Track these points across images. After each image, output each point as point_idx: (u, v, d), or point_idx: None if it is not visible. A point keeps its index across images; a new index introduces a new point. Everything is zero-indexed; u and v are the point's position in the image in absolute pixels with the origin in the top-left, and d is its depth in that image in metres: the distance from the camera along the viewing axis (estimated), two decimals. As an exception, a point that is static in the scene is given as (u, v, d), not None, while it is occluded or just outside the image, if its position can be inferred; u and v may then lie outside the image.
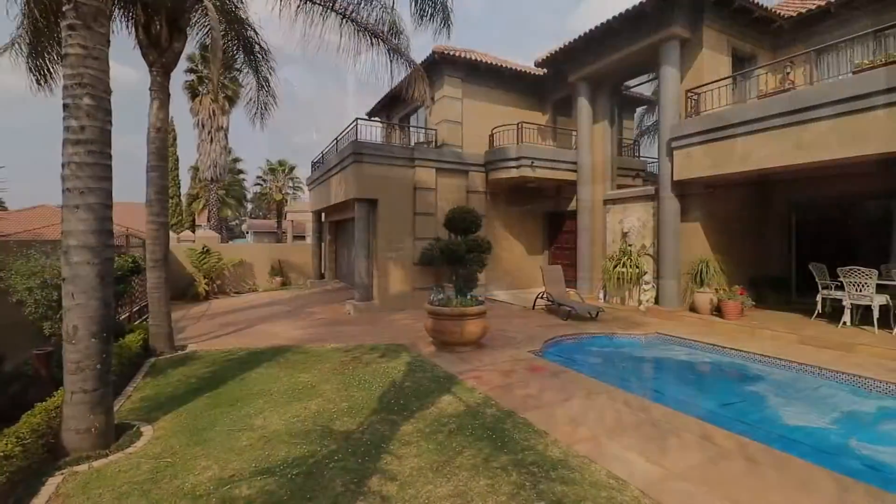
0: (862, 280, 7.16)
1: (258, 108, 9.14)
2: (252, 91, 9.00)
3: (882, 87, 6.29)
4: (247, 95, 9.12)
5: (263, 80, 8.88)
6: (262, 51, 8.60)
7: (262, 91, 9.00)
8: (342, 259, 16.98)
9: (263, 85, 8.94)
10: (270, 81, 8.97)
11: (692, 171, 8.95)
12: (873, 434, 4.36)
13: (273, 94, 9.16)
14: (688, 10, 9.22)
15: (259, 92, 9.00)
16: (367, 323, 9.32)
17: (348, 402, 4.59)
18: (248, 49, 8.51)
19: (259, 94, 9.02)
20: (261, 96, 9.05)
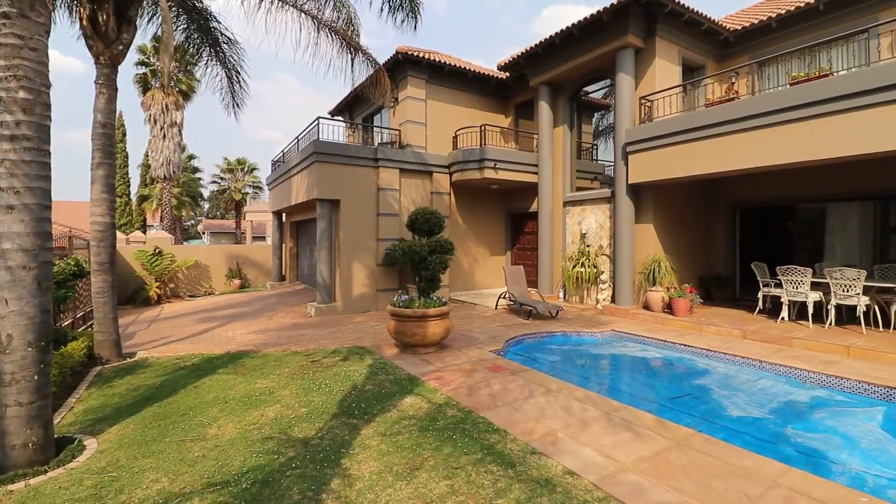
0: (798, 278, 7.72)
1: (232, 100, 8.87)
2: (223, 82, 8.72)
3: (813, 100, 6.80)
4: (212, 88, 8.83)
5: (234, 71, 8.60)
6: (228, 41, 8.33)
7: (233, 82, 8.72)
8: (304, 260, 16.62)
9: (234, 77, 8.66)
10: (241, 73, 8.72)
11: (645, 175, 9.36)
12: (806, 422, 4.68)
13: (243, 84, 8.91)
14: (642, 21, 9.63)
15: (231, 84, 8.72)
16: (329, 325, 9.18)
17: (308, 407, 4.51)
18: (213, 41, 8.21)
19: (231, 85, 8.74)
20: (233, 87, 8.78)
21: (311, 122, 11.61)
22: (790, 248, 10.76)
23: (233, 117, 9.05)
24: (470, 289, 13.60)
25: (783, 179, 9.47)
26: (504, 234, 14.49)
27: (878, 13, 8.49)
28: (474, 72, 13.12)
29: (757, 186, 10.23)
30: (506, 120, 14.39)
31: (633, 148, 9.53)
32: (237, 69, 8.59)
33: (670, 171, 8.86)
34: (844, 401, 5.10)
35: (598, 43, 10.11)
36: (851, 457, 3.91)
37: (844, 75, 6.86)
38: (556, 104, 12.15)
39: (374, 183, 11.48)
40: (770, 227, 11.20)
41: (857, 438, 4.23)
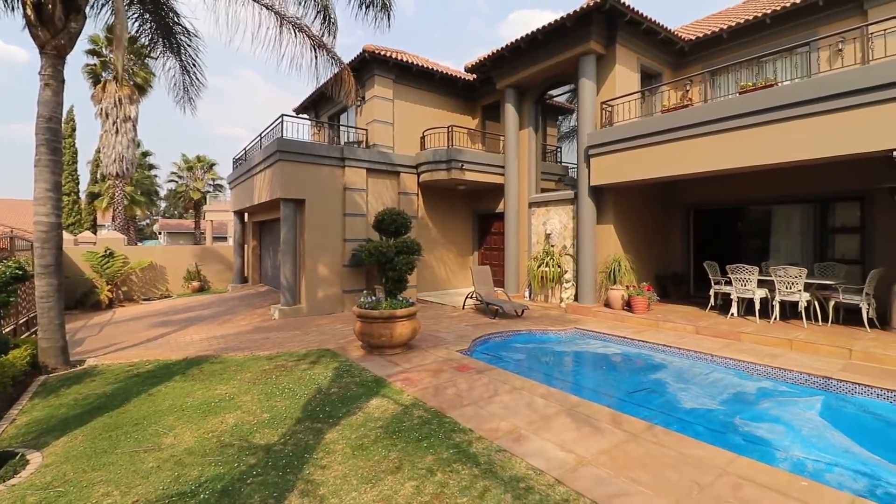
0: (746, 276, 8.18)
1: (184, 94, 8.52)
2: (176, 75, 8.37)
3: (759, 108, 7.23)
4: (169, 81, 8.46)
5: (188, 65, 8.27)
6: (185, 32, 8.00)
7: (187, 76, 8.38)
8: (267, 261, 16.18)
9: (188, 71, 8.33)
10: (197, 65, 8.39)
11: (606, 177, 9.67)
12: (753, 412, 4.96)
13: (199, 79, 8.58)
14: (603, 28, 9.94)
15: (184, 77, 8.37)
16: (294, 328, 8.99)
17: (270, 412, 4.41)
18: (167, 32, 7.86)
19: (184, 79, 8.39)
20: (185, 82, 8.43)
21: (274, 119, 11.34)
22: (739, 247, 11.38)
23: (187, 113, 8.75)
24: (438, 289, 13.64)
25: (734, 183, 10.01)
26: (471, 234, 14.61)
27: (818, 28, 9.11)
28: (442, 73, 13.16)
29: (710, 189, 10.77)
30: (473, 121, 14.52)
31: (594, 151, 9.82)
32: (192, 63, 8.29)
33: (629, 173, 9.20)
34: (787, 391, 5.44)
35: (562, 48, 10.36)
36: (793, 444, 4.18)
37: (787, 86, 7.32)
38: (521, 107, 12.36)
39: (341, 183, 11.32)
40: (721, 227, 11.81)
41: (798, 426, 4.52)
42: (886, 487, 3.44)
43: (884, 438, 4.40)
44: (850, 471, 3.67)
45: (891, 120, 6.02)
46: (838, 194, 9.09)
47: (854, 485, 3.47)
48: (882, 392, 4.98)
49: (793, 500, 2.90)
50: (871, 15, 8.36)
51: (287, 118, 11.13)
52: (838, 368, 5.63)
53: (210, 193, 34.06)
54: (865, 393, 5.07)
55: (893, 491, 3.39)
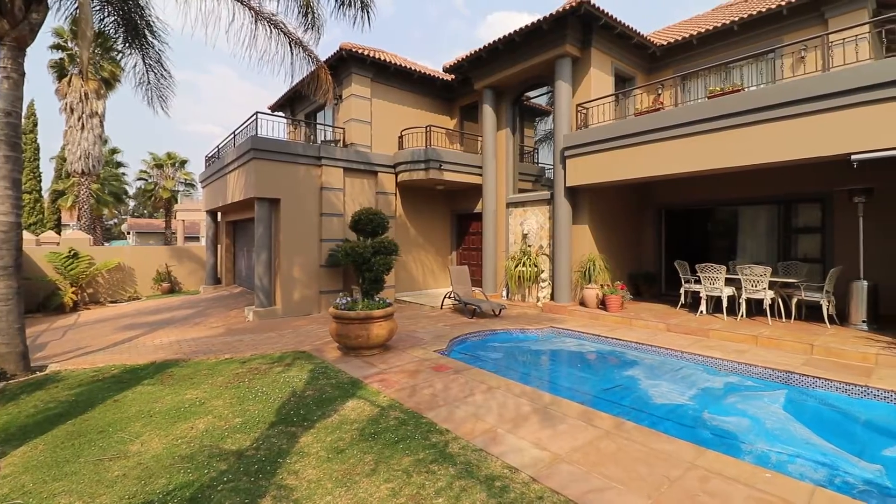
0: (714, 275, 8.45)
1: (150, 93, 8.24)
2: (142, 73, 8.08)
3: (727, 112, 7.47)
4: (136, 78, 8.16)
5: (154, 62, 7.99)
6: (149, 28, 7.74)
7: (153, 74, 8.10)
8: (241, 262, 15.83)
9: (154, 68, 8.05)
10: (163, 64, 8.11)
11: (582, 178, 9.83)
12: (721, 407, 5.12)
13: (167, 78, 8.31)
14: (579, 32, 10.10)
15: (148, 75, 8.09)
16: (269, 330, 8.82)
17: (242, 417, 4.31)
18: (133, 25, 7.59)
19: (149, 76, 8.11)
20: (151, 79, 8.16)
21: (249, 116, 11.11)
22: (708, 247, 11.76)
23: (156, 110, 8.47)
24: (416, 289, 13.61)
25: (703, 184, 10.32)
26: (449, 234, 14.63)
27: (783, 36, 9.48)
28: (420, 72, 13.14)
29: (680, 190, 11.08)
30: (451, 121, 14.54)
31: (570, 152, 9.97)
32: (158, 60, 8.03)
33: (604, 174, 9.38)
34: (753, 385, 5.64)
35: (539, 50, 10.48)
36: (758, 436, 4.33)
37: (753, 91, 7.60)
38: (499, 108, 12.45)
39: (317, 182, 11.17)
40: (692, 227, 12.17)
41: (763, 419, 4.69)
42: (844, 477, 3.60)
43: (842, 430, 4.60)
44: (811, 461, 3.83)
45: (849, 125, 6.31)
46: (801, 196, 9.49)
47: (814, 475, 3.61)
48: (840, 385, 5.21)
49: (757, 491, 3.00)
50: (832, 24, 8.74)
51: (262, 116, 10.91)
52: (800, 363, 5.87)
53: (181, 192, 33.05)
54: (825, 386, 5.31)
55: (851, 480, 3.55)
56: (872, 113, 6.12)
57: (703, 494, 2.98)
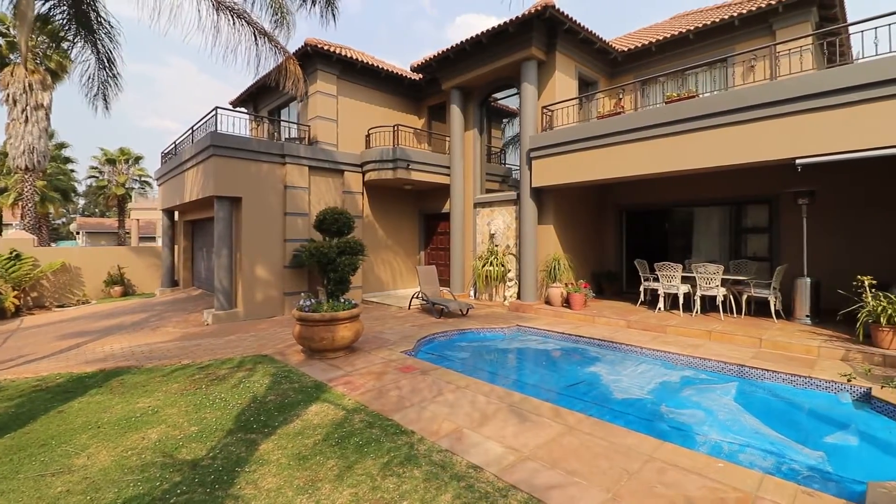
0: (671, 273, 8.79)
1: (99, 89, 7.74)
2: (91, 68, 7.58)
3: (683, 117, 7.78)
4: (84, 72, 7.63)
5: (104, 57, 7.51)
6: (99, 20, 7.27)
7: (104, 70, 7.62)
8: (200, 263, 15.22)
9: (105, 63, 7.57)
10: (114, 61, 7.63)
11: (547, 179, 10.01)
12: (677, 400, 5.31)
13: (117, 75, 7.83)
14: (544, 35, 10.27)
15: (99, 71, 7.60)
16: (229, 333, 8.51)
17: (198, 425, 4.13)
18: (83, 17, 7.12)
19: (99, 73, 7.62)
20: (100, 76, 7.66)
21: (208, 111, 10.69)
22: (666, 246, 12.24)
23: (96, 108, 7.93)
24: (383, 290, 13.48)
25: (662, 186, 10.72)
26: (417, 234, 14.57)
27: (735, 45, 9.96)
28: (387, 71, 13.01)
29: (640, 192, 11.46)
30: (419, 121, 14.49)
31: (535, 154, 10.13)
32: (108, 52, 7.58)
33: (568, 176, 9.58)
34: (707, 379, 5.89)
35: (506, 53, 10.59)
36: (712, 428, 4.51)
37: (707, 97, 7.94)
38: (467, 108, 12.50)
39: (281, 180, 10.88)
40: (650, 228, 12.62)
41: (716, 411, 4.90)
42: (790, 464, 3.80)
43: (788, 419, 4.86)
44: (760, 450, 4.03)
45: (794, 131, 6.70)
46: (750, 198, 10.01)
47: (763, 463, 3.80)
48: (786, 377, 5.52)
49: (710, 481, 3.13)
50: (779, 35, 9.26)
51: (222, 111, 10.53)
52: (750, 356, 6.18)
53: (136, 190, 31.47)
54: (772, 378, 5.61)
55: (796, 467, 3.75)
56: (815, 120, 6.52)
57: (659, 486, 3.08)
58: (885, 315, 5.94)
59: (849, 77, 6.21)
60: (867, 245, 8.37)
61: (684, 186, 10.44)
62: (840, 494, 3.07)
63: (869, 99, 6.07)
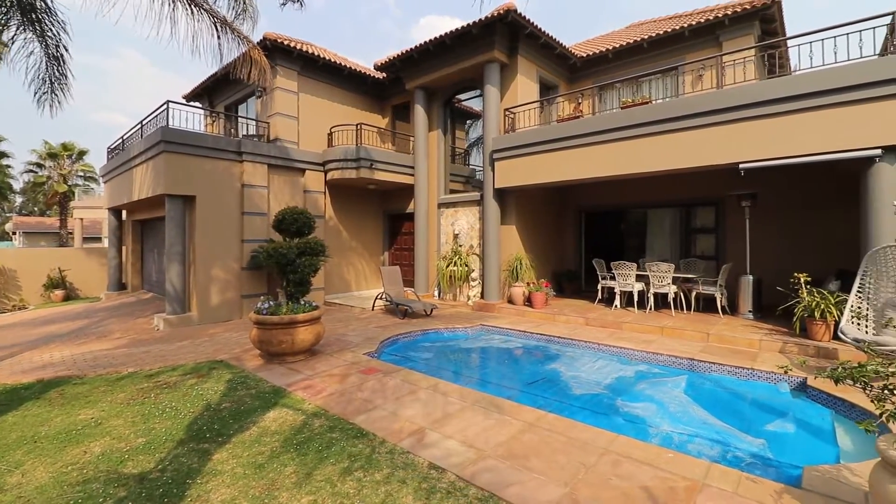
0: (626, 272, 9.13)
1: (48, 88, 7.12)
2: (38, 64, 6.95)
3: (637, 122, 8.10)
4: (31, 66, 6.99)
5: (52, 56, 6.93)
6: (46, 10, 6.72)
7: (53, 67, 7.03)
8: (150, 265, 14.47)
9: (54, 60, 6.99)
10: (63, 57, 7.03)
11: (509, 180, 10.17)
12: (632, 394, 5.51)
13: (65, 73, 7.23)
14: (507, 39, 10.42)
15: (49, 68, 7.01)
16: (182, 339, 8.14)
17: (147, 436, 3.93)
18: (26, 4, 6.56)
19: (49, 70, 7.02)
20: (50, 72, 7.06)
21: (159, 105, 10.18)
22: (622, 246, 12.71)
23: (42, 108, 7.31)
24: (347, 291, 13.28)
25: (618, 188, 11.12)
26: (381, 234, 14.45)
27: (685, 55, 10.45)
28: (350, 69, 12.82)
29: (599, 193, 11.85)
30: (383, 120, 14.36)
31: (498, 155, 10.27)
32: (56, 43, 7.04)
33: (530, 177, 9.78)
34: (659, 372, 6.15)
35: (469, 54, 10.67)
36: (663, 419, 4.72)
37: (659, 104, 8.31)
38: (431, 109, 12.50)
39: (238, 179, 10.50)
40: (608, 228, 13.07)
41: (667, 404, 5.12)
42: (735, 451, 4.02)
43: (732, 409, 5.15)
44: (708, 440, 4.24)
45: (737, 137, 7.11)
46: (699, 200, 10.55)
47: (710, 452, 4.00)
48: (731, 369, 5.86)
49: (661, 471, 3.27)
50: (725, 47, 9.80)
51: (175, 105, 10.06)
52: (698, 350, 6.52)
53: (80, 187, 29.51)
54: (719, 370, 5.93)
55: (739, 454, 3.97)
56: (756, 127, 6.95)
57: (614, 478, 3.19)
58: (818, 310, 6.41)
59: (786, 88, 6.66)
60: (805, 244, 9.00)
61: (639, 188, 10.88)
62: (779, 479, 3.26)
63: (803, 109, 6.54)
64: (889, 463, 2.35)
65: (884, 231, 6.08)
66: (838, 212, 8.46)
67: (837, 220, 8.49)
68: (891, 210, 6.07)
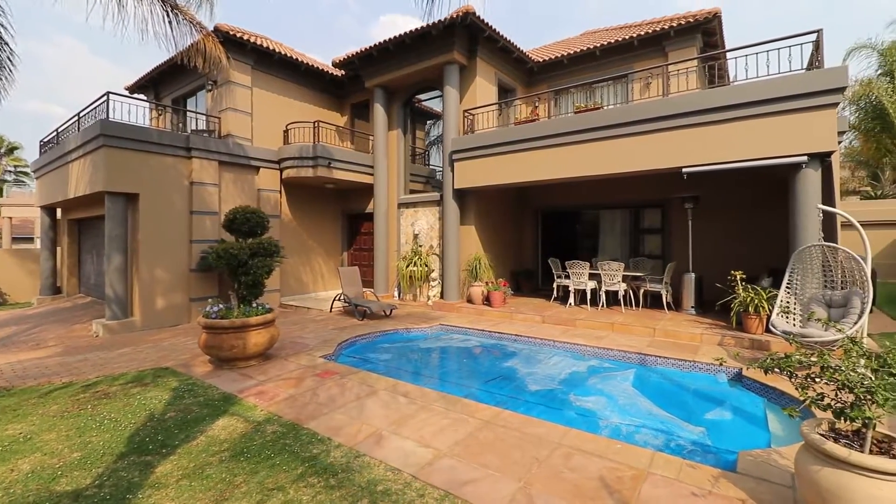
0: (580, 270, 9.46)
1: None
2: None
3: (590, 126, 8.40)
4: None
5: None
6: None
7: None
8: (88, 267, 13.53)
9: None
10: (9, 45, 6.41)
11: (469, 181, 10.28)
12: (584, 388, 5.71)
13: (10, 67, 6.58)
14: (466, 41, 10.52)
15: None
16: (124, 345, 7.67)
17: (82, 451, 3.68)
18: None
19: None
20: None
21: (99, 96, 9.55)
22: (577, 246, 13.15)
23: None
24: (304, 292, 12.96)
25: (573, 189, 11.49)
26: (340, 234, 14.20)
27: (634, 63, 10.94)
28: (308, 65, 12.50)
29: (555, 195, 12.19)
30: (342, 119, 14.12)
31: (458, 156, 10.35)
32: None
33: (488, 178, 9.93)
34: (610, 367, 6.41)
35: (429, 55, 10.69)
36: (613, 412, 4.92)
37: (610, 109, 8.66)
38: (390, 108, 12.42)
39: (186, 176, 10.00)
40: (563, 228, 13.47)
41: (616, 397, 5.35)
42: (677, 440, 4.25)
43: (676, 399, 5.44)
44: (652, 430, 4.47)
45: (680, 143, 7.52)
46: (647, 202, 11.08)
47: (655, 441, 4.22)
48: (675, 361, 6.20)
49: (609, 461, 3.41)
50: (671, 57, 10.34)
51: (116, 97, 9.46)
52: (646, 344, 6.85)
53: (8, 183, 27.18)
54: (664, 363, 6.27)
55: (682, 442, 4.20)
56: (698, 134, 7.38)
57: (566, 471, 3.30)
58: (752, 305, 6.90)
59: (724, 97, 7.12)
60: (742, 243, 9.64)
61: (593, 190, 11.28)
62: (717, 464, 3.48)
63: (740, 117, 7.02)
64: (811, 445, 2.56)
65: (809, 231, 6.63)
66: (772, 213, 9.13)
67: (771, 221, 9.16)
68: (815, 212, 6.63)
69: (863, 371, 2.58)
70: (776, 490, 3.01)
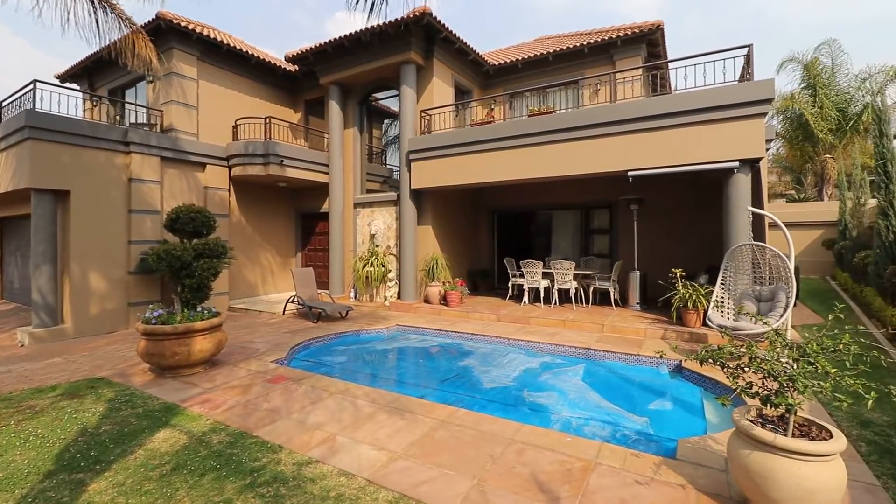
0: (534, 269, 9.72)
1: None
2: None
3: (543, 129, 8.64)
4: None
5: None
6: None
7: None
8: (11, 270, 12.40)
9: None
10: None
11: (426, 181, 10.29)
12: (537, 384, 5.86)
13: None
14: (422, 41, 10.51)
15: None
16: (54, 355, 7.09)
17: (4, 471, 3.37)
18: None
19: None
20: None
21: (24, 84, 8.76)
22: (531, 245, 13.48)
23: None
24: (255, 295, 12.50)
25: (528, 190, 11.77)
26: (294, 235, 13.80)
27: (585, 70, 11.35)
28: (258, 58, 12.04)
29: (510, 195, 12.45)
30: (295, 115, 13.72)
31: (415, 156, 10.34)
32: None
33: (445, 178, 9.98)
34: (561, 363, 6.62)
35: (386, 54, 10.59)
36: (563, 406, 5.09)
37: (562, 113, 8.94)
38: (346, 106, 12.20)
39: (124, 172, 9.38)
40: (518, 228, 13.78)
41: (567, 391, 5.53)
42: (623, 430, 4.46)
43: (621, 392, 5.70)
44: (600, 422, 4.66)
45: (625, 147, 7.89)
46: (597, 203, 11.54)
47: (602, 433, 4.40)
48: (621, 355, 6.50)
49: (560, 454, 3.54)
50: (618, 65, 10.81)
51: (44, 86, 8.71)
52: (595, 340, 7.14)
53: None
54: (611, 357, 6.56)
55: (627, 433, 4.41)
56: (642, 139, 7.77)
57: (518, 466, 3.39)
58: (691, 300, 7.35)
59: (665, 105, 7.54)
60: (682, 242, 10.24)
61: (546, 191, 11.61)
62: (658, 452, 3.69)
63: (680, 124, 7.45)
64: (741, 431, 2.77)
65: (741, 231, 7.15)
66: (709, 215, 9.74)
67: (708, 221, 9.78)
68: (745, 214, 7.15)
69: (786, 360, 2.81)
70: (712, 474, 3.24)
